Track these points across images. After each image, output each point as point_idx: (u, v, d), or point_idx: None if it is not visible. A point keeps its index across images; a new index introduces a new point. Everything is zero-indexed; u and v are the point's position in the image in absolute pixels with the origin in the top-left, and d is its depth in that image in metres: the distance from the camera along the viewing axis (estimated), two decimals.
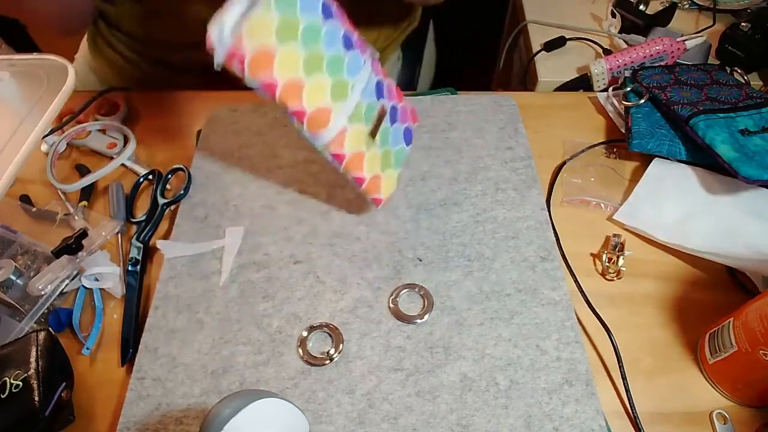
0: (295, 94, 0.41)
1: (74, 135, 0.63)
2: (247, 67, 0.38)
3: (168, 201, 0.57)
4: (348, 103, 0.44)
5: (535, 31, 0.89)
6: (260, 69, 0.39)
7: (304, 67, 0.41)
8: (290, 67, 0.40)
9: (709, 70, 0.67)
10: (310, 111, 0.42)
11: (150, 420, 0.44)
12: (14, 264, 0.52)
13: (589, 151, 0.63)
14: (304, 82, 0.41)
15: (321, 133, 0.43)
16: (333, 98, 0.43)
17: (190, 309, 0.50)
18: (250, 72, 0.38)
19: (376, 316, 0.49)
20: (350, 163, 0.46)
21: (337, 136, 0.44)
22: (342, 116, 0.44)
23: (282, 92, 0.40)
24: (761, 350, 0.40)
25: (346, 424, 0.43)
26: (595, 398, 0.44)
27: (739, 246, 0.52)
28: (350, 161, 0.46)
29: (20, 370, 0.41)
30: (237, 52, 0.37)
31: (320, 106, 0.42)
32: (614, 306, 0.51)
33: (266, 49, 0.38)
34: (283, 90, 0.40)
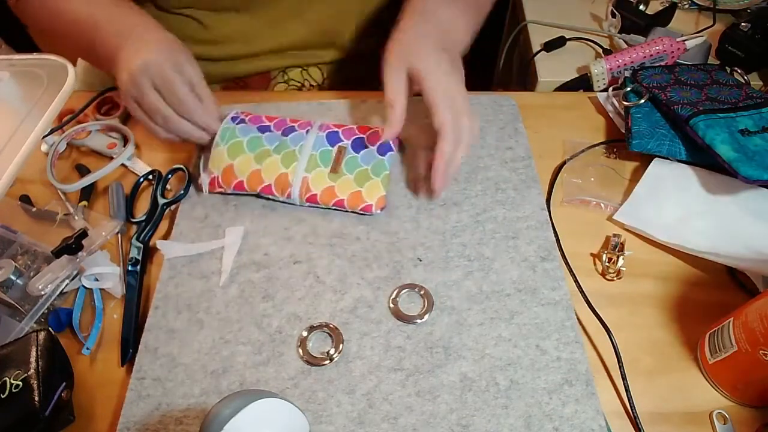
0: (256, 179, 0.55)
1: (74, 135, 0.63)
2: (222, 182, 0.55)
3: (168, 201, 0.57)
4: (300, 161, 0.55)
5: (535, 31, 0.89)
6: (229, 179, 0.55)
7: (255, 161, 0.55)
8: (246, 166, 0.55)
9: (709, 70, 0.67)
10: (272, 182, 0.55)
11: (150, 420, 0.44)
12: (14, 264, 0.52)
13: (589, 151, 0.63)
14: (260, 168, 0.55)
15: (289, 191, 0.54)
16: (285, 165, 0.55)
17: (190, 309, 0.50)
18: (224, 184, 0.55)
19: (376, 316, 0.49)
20: (323, 197, 0.55)
21: (303, 185, 0.55)
22: (299, 172, 0.55)
23: (248, 183, 0.55)
24: (761, 350, 0.40)
25: (346, 424, 0.43)
26: (595, 398, 0.44)
27: (739, 246, 0.52)
28: (323, 195, 0.55)
29: (20, 370, 0.41)
30: (213, 178, 0.56)
31: (278, 174, 0.55)
32: (614, 306, 0.51)
33: (226, 166, 0.55)
34: (247, 181, 0.55)
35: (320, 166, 0.55)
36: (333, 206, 0.55)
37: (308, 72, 0.76)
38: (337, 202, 0.54)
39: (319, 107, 0.66)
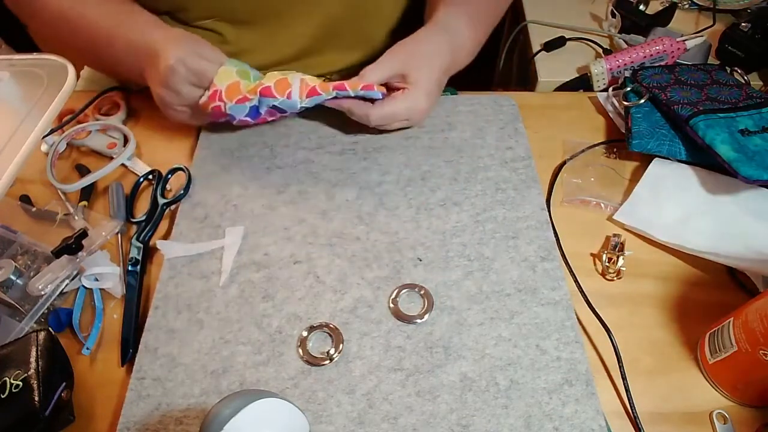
0: (256, 88, 0.55)
1: (74, 135, 0.63)
2: (224, 95, 0.54)
3: (168, 201, 0.57)
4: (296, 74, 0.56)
5: (535, 31, 0.89)
6: (233, 94, 0.55)
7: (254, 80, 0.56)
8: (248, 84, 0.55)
9: (709, 70, 0.67)
10: (272, 84, 0.55)
11: (150, 420, 0.44)
12: (14, 264, 0.52)
13: (589, 151, 0.63)
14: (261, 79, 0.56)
15: (289, 90, 0.55)
16: (282, 73, 0.56)
17: (190, 309, 0.50)
18: (227, 98, 0.54)
19: (376, 316, 0.49)
20: (322, 87, 0.55)
21: (301, 84, 0.55)
22: (296, 76, 0.56)
23: (248, 93, 0.55)
24: (761, 350, 0.40)
25: (346, 424, 0.43)
26: (595, 398, 0.44)
27: (739, 246, 0.52)
28: (321, 86, 0.55)
29: (20, 370, 0.41)
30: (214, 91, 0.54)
31: (277, 78, 0.55)
32: (614, 306, 0.51)
33: (233, 82, 0.55)
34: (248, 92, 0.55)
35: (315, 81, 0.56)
36: (333, 89, 0.54)
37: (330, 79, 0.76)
38: (337, 86, 0.54)
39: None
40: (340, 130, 0.64)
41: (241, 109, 0.55)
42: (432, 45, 0.58)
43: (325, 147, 0.62)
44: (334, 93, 0.55)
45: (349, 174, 0.60)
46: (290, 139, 0.63)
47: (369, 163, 0.61)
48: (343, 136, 0.63)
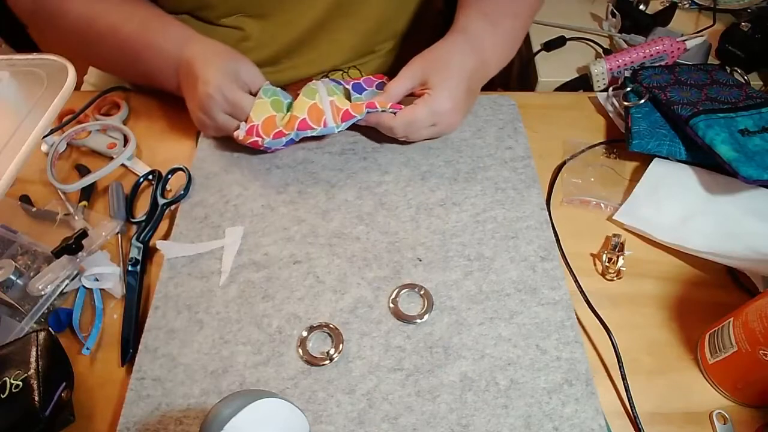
0: (292, 121, 0.56)
1: (74, 135, 0.63)
2: (261, 131, 0.56)
3: (168, 201, 0.57)
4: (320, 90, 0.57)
5: (535, 31, 0.89)
6: (269, 129, 0.56)
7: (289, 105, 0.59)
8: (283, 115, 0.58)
9: (709, 70, 0.67)
10: (306, 115, 0.56)
11: (150, 420, 0.44)
12: (14, 264, 0.52)
13: (589, 151, 0.63)
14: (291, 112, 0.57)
15: (324, 118, 0.56)
16: (309, 97, 0.57)
17: (190, 309, 0.50)
18: (264, 133, 0.56)
19: (376, 316, 0.49)
20: (354, 108, 0.56)
21: (332, 108, 0.56)
22: (325, 97, 0.57)
23: (285, 128, 0.56)
24: (761, 350, 0.40)
25: (346, 424, 0.43)
26: (595, 398, 0.44)
27: (739, 246, 0.52)
28: (353, 108, 0.56)
29: (20, 370, 0.41)
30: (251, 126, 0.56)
31: (308, 106, 0.56)
32: (614, 306, 0.51)
33: (268, 117, 0.57)
34: (284, 127, 0.57)
35: (337, 93, 0.58)
36: (365, 109, 0.56)
37: (348, 74, 0.77)
38: (369, 104, 0.56)
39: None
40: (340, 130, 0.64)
41: (278, 143, 0.57)
42: (450, 48, 0.58)
43: (324, 147, 0.62)
44: (365, 112, 0.56)
45: (348, 174, 0.60)
46: None
47: (368, 163, 0.61)
48: (343, 136, 0.63)
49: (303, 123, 0.56)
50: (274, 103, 0.57)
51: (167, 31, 0.59)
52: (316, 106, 0.56)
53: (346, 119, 0.56)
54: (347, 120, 0.56)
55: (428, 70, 0.56)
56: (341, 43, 0.72)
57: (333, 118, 0.56)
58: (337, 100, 0.57)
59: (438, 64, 0.57)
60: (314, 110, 0.56)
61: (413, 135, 0.59)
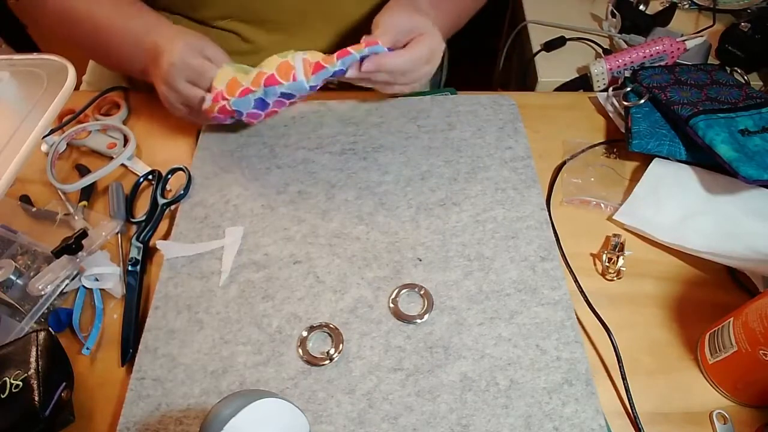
0: (259, 77, 0.54)
1: (74, 135, 0.63)
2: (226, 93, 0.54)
3: (168, 201, 0.57)
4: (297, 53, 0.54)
5: (535, 31, 0.89)
6: (234, 89, 0.54)
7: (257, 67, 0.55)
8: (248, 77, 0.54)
9: (709, 70, 0.67)
10: (274, 71, 0.53)
11: (150, 420, 0.44)
12: (14, 264, 0.52)
13: (589, 151, 0.63)
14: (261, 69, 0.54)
15: (293, 72, 0.53)
16: (281, 56, 0.54)
17: (190, 309, 0.50)
18: (228, 95, 0.54)
19: (376, 316, 0.49)
20: (326, 59, 0.53)
21: (304, 64, 0.54)
22: (298, 55, 0.54)
23: (251, 84, 0.54)
24: (761, 350, 0.40)
25: (346, 424, 0.43)
26: (595, 398, 0.44)
27: (739, 246, 0.52)
28: (325, 59, 0.53)
29: (20, 370, 0.41)
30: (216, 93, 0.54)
31: (279, 63, 0.54)
32: (614, 306, 0.51)
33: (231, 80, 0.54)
34: (251, 83, 0.54)
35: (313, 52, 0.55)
36: (337, 59, 0.52)
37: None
38: (341, 52, 0.53)
39: (320, 107, 0.66)
40: (340, 130, 0.64)
41: (245, 103, 0.54)
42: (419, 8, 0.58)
43: (324, 147, 0.62)
44: (338, 63, 0.53)
45: (348, 174, 0.60)
46: (290, 139, 0.63)
47: (369, 163, 0.61)
48: (343, 136, 0.63)
49: (270, 78, 0.53)
50: (238, 69, 0.55)
51: (140, 16, 0.59)
52: (287, 63, 0.53)
53: (317, 71, 0.53)
54: (318, 72, 0.53)
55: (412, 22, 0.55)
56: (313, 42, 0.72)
57: (303, 72, 0.53)
58: (310, 56, 0.54)
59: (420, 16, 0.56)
60: (284, 66, 0.53)
61: (414, 75, 0.56)
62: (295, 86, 0.53)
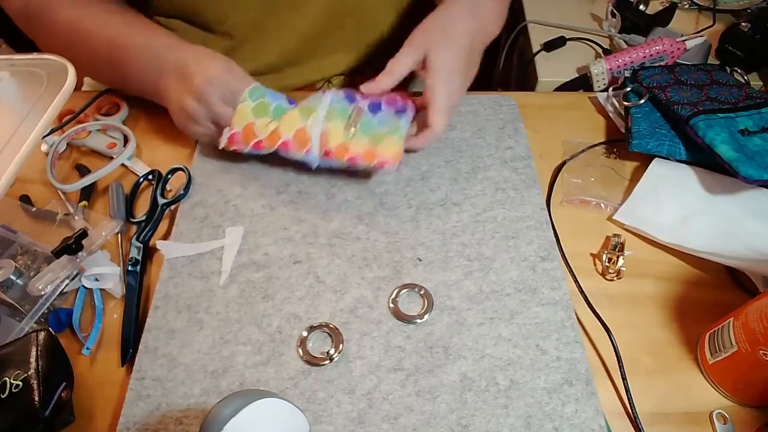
0: (275, 137, 0.54)
1: (74, 135, 0.63)
2: (241, 139, 0.55)
3: (168, 201, 0.57)
4: (318, 112, 0.54)
5: (535, 31, 0.89)
6: (249, 137, 0.54)
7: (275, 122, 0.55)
8: (266, 128, 0.54)
9: (709, 70, 0.67)
10: (291, 137, 0.54)
11: (150, 420, 0.44)
12: (14, 264, 0.52)
13: (589, 151, 0.63)
14: (279, 125, 0.54)
15: (309, 146, 0.53)
16: (303, 117, 0.54)
17: (190, 309, 0.50)
18: (243, 141, 0.55)
19: (376, 316, 0.49)
20: (338, 152, 0.53)
21: (321, 139, 0.53)
22: (318, 123, 0.54)
23: (266, 142, 0.54)
24: (761, 350, 0.40)
25: (346, 424, 0.43)
26: (595, 398, 0.44)
27: (739, 246, 0.52)
28: (337, 151, 0.53)
29: (20, 370, 0.41)
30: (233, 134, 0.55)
31: (297, 128, 0.54)
32: (614, 306, 0.51)
33: (248, 123, 0.54)
34: (266, 140, 0.54)
35: (337, 119, 0.54)
36: (347, 161, 0.53)
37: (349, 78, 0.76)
38: (351, 158, 0.53)
39: None
40: None
41: (258, 152, 0.55)
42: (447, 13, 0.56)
43: None
44: (347, 163, 0.53)
45: (349, 174, 0.60)
46: None
47: None
48: None
49: (285, 144, 0.54)
50: (257, 109, 0.54)
51: (155, 35, 0.59)
52: (304, 131, 0.53)
53: (326, 157, 0.53)
54: (327, 158, 0.54)
55: (428, 46, 0.54)
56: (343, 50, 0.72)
57: (318, 151, 0.53)
58: (330, 130, 0.53)
59: (437, 37, 0.54)
60: (301, 134, 0.53)
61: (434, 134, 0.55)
62: (306, 158, 0.54)
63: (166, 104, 0.58)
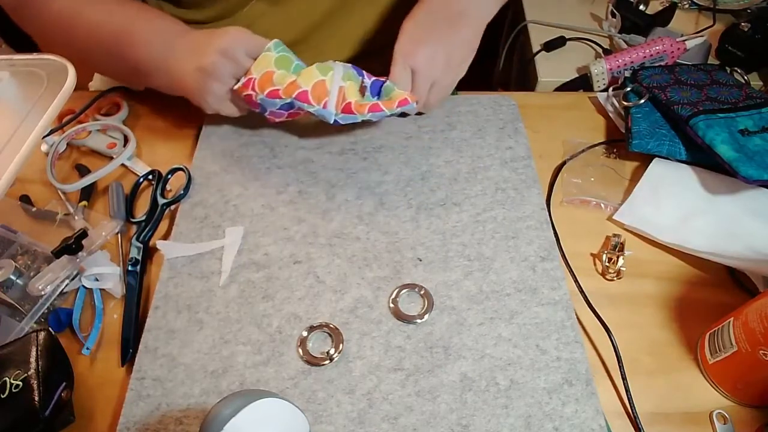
0: (292, 87, 0.53)
1: (74, 135, 0.63)
2: (257, 85, 0.53)
3: (168, 201, 0.57)
4: (336, 70, 0.54)
5: (535, 31, 0.89)
6: (265, 84, 0.53)
7: (293, 71, 0.54)
8: (284, 79, 0.53)
9: (709, 70, 0.67)
10: (309, 88, 0.53)
11: (150, 420, 0.44)
12: (14, 264, 0.52)
13: (589, 151, 0.63)
14: (296, 78, 0.53)
15: (326, 100, 0.53)
16: (322, 73, 0.54)
17: (190, 309, 0.50)
18: (259, 88, 0.53)
19: (376, 316, 0.49)
20: (357, 107, 0.53)
21: (339, 93, 0.54)
22: (337, 79, 0.54)
23: (283, 91, 0.53)
24: (761, 350, 0.40)
25: (346, 424, 0.43)
26: (595, 398, 0.44)
27: (739, 246, 0.52)
28: (357, 106, 0.53)
29: (20, 370, 0.41)
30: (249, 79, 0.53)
31: (315, 81, 0.53)
32: (614, 306, 0.51)
33: (267, 71, 0.53)
34: (283, 90, 0.53)
35: (352, 79, 0.55)
36: (368, 113, 0.53)
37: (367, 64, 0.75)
38: (372, 107, 0.53)
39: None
40: (340, 130, 0.64)
41: (272, 103, 0.54)
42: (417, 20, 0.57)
43: (324, 147, 0.62)
44: (369, 116, 0.54)
45: (349, 174, 0.60)
46: (290, 138, 0.63)
47: (369, 163, 0.61)
48: (343, 136, 0.63)
49: (303, 95, 0.52)
50: (279, 60, 0.54)
51: (162, 21, 0.59)
52: (323, 84, 0.53)
53: (346, 112, 0.54)
54: (346, 113, 0.54)
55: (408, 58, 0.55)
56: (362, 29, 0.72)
57: (335, 104, 0.53)
58: (348, 87, 0.54)
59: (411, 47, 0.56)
60: (320, 87, 0.53)
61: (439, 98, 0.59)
62: (323, 113, 0.54)
63: (179, 79, 0.57)
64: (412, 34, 0.56)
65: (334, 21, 0.69)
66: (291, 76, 0.53)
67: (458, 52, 0.59)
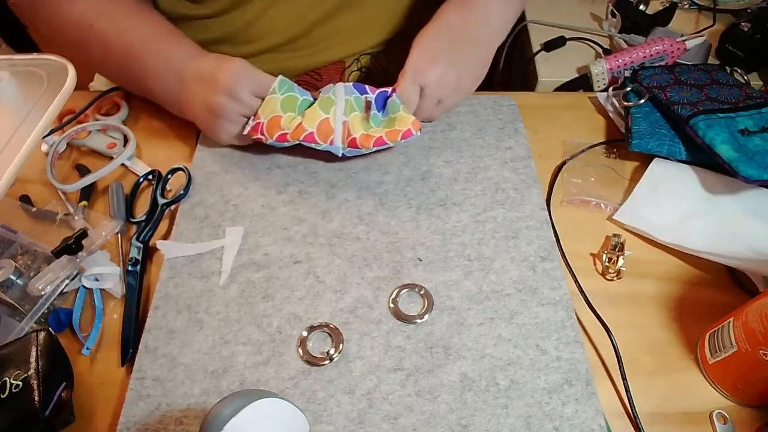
0: (299, 130, 0.55)
1: (74, 135, 0.63)
2: (265, 130, 0.55)
3: (168, 201, 0.57)
4: (338, 105, 0.56)
5: (535, 31, 0.89)
6: (273, 129, 0.55)
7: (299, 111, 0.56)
8: (292, 122, 0.55)
9: (709, 70, 0.67)
10: (314, 129, 0.55)
11: (150, 420, 0.44)
12: (14, 264, 0.52)
13: (589, 151, 0.63)
14: (302, 120, 0.55)
15: (332, 137, 0.55)
16: (324, 110, 0.55)
17: (190, 309, 0.50)
18: (267, 133, 0.55)
19: (376, 316, 0.49)
20: (362, 140, 0.55)
21: (344, 129, 0.55)
22: (339, 115, 0.55)
23: (291, 135, 0.55)
24: (761, 350, 0.40)
25: (346, 424, 0.43)
26: (595, 398, 0.44)
27: (739, 246, 0.52)
28: (362, 139, 0.55)
29: (20, 370, 0.41)
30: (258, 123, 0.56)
31: (320, 120, 0.55)
32: (614, 306, 0.51)
33: (275, 116, 0.55)
34: (291, 134, 0.55)
35: (356, 110, 0.57)
36: (374, 146, 0.54)
37: (375, 58, 0.76)
38: (377, 140, 0.54)
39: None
40: None
41: (281, 144, 0.56)
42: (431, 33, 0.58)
43: None
44: (374, 149, 0.55)
45: (349, 174, 0.60)
46: None
47: (368, 163, 0.61)
48: None
49: (310, 136, 0.55)
50: (285, 101, 0.56)
51: (179, 42, 0.59)
52: (328, 122, 0.55)
53: (352, 146, 0.55)
54: (352, 149, 0.55)
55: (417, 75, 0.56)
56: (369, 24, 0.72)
57: (341, 139, 0.55)
58: (352, 120, 0.56)
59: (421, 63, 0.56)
60: (325, 125, 0.55)
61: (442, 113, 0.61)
62: (331, 149, 0.56)
63: (188, 111, 0.59)
64: (425, 51, 0.57)
65: (340, 15, 0.69)
66: (297, 118, 0.56)
67: (469, 75, 0.60)
